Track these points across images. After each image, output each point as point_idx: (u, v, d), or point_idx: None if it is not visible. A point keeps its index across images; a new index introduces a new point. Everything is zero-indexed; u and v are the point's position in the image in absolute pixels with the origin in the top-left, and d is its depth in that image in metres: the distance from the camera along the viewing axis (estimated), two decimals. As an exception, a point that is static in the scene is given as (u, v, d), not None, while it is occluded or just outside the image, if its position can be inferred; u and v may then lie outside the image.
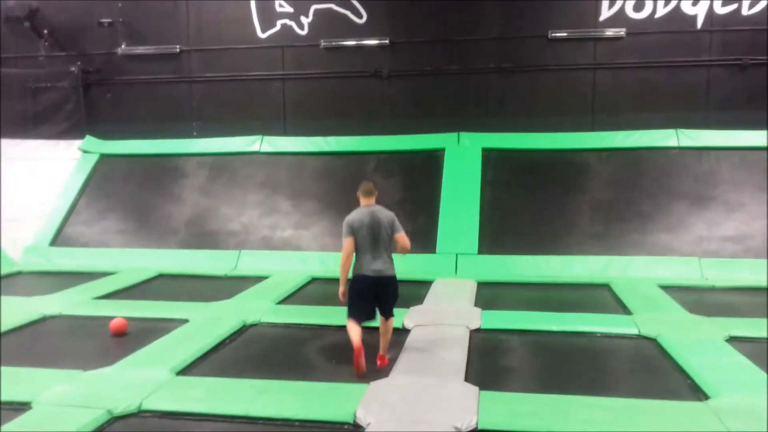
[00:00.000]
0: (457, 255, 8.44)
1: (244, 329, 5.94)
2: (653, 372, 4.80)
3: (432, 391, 4.23)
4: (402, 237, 4.93)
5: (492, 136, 10.00)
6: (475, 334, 5.64)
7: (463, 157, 9.78)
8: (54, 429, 3.64)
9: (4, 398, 4.16)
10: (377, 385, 4.31)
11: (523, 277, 7.86)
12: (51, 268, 8.95)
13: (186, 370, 4.78)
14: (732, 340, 5.28)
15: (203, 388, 4.35)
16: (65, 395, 4.16)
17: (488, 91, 10.52)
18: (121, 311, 6.31)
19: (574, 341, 5.49)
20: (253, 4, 10.77)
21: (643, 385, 4.51)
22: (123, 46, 11.13)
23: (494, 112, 10.43)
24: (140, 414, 3.98)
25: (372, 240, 4.79)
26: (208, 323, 5.95)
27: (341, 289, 4.89)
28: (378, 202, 5.19)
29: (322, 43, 10.63)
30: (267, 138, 10.52)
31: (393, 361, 4.88)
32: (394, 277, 4.93)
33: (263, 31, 10.82)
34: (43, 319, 6.32)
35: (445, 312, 6.26)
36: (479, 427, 3.73)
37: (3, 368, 4.71)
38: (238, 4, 10.80)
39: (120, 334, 5.79)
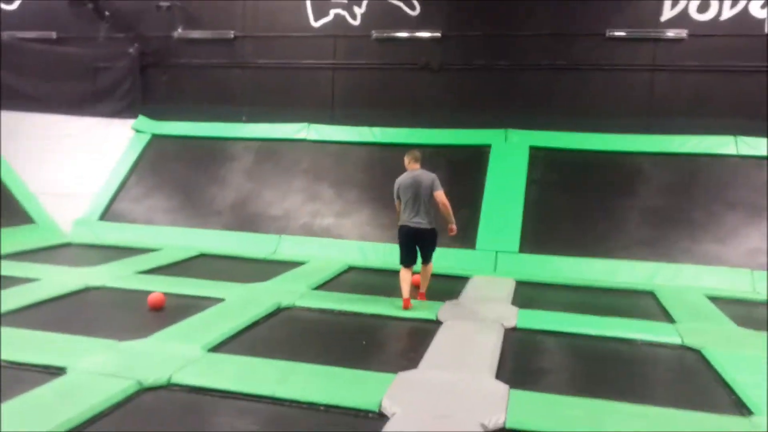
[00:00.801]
0: (497, 252, 8.29)
1: (278, 311, 5.97)
2: (695, 383, 4.58)
3: (460, 385, 4.15)
4: (439, 195, 6.11)
5: (540, 134, 9.77)
6: (510, 332, 5.51)
7: (509, 154, 9.60)
8: (85, 395, 3.72)
9: (43, 361, 4.29)
10: (405, 376, 4.26)
11: (564, 279, 7.66)
12: (98, 242, 9.22)
13: (217, 348, 4.83)
14: (783, 357, 5.00)
15: (232, 366, 4.39)
16: (99, 364, 4.26)
17: (539, 88, 10.27)
18: (161, 287, 6.43)
19: (613, 347, 5.30)
20: (307, -7, 10.81)
21: (682, 396, 4.31)
22: (179, 30, 11.34)
23: (544, 111, 10.16)
24: (169, 387, 4.03)
25: (413, 198, 6.02)
26: (243, 303, 6.01)
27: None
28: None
29: (374, 34, 10.59)
30: (314, 126, 10.56)
31: (422, 352, 4.81)
32: (431, 230, 6.13)
33: (316, 20, 10.85)
34: (87, 290, 6.50)
35: (481, 308, 6.14)
36: (507, 426, 3.63)
37: (44, 333, 4.87)
38: (294, -8, 10.86)
39: (157, 308, 5.90)
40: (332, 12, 10.75)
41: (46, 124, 10.67)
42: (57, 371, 4.16)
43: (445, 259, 8.23)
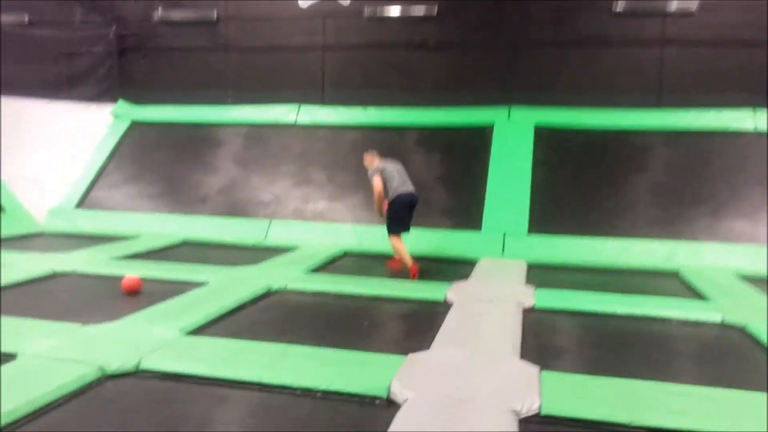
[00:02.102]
0: (504, 234, 7.69)
1: (268, 294, 5.35)
2: (742, 362, 4.00)
3: (482, 367, 3.54)
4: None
5: (546, 111, 9.20)
6: (528, 312, 4.91)
7: (513, 132, 9.02)
8: (34, 382, 3.08)
9: (-12, 347, 3.64)
10: (417, 357, 3.64)
11: (578, 260, 7.07)
12: (74, 231, 8.55)
13: (197, 331, 4.19)
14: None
15: (213, 349, 3.76)
16: (56, 348, 3.62)
17: (543, 64, 9.69)
18: (137, 271, 5.77)
19: (646, 326, 4.71)
20: (295, -30, 10.19)
21: (730, 375, 3.72)
22: (159, 11, 10.69)
23: (549, 88, 9.59)
24: (137, 374, 3.40)
25: (398, 173, 6.42)
26: (228, 286, 5.38)
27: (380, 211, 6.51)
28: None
29: (366, 12, 9.99)
30: (304, 107, 9.94)
31: (433, 333, 4.21)
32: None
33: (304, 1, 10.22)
34: (53, 275, 5.85)
35: (494, 289, 5.54)
36: (542, 413, 3.02)
37: (10, 319, 4.22)
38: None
39: (132, 292, 5.26)
40: (321, -9, 10.14)
41: (19, 108, 9.96)
42: (6, 357, 3.51)
43: (449, 242, 7.68)
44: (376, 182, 6.36)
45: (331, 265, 6.85)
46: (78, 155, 9.86)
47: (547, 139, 8.89)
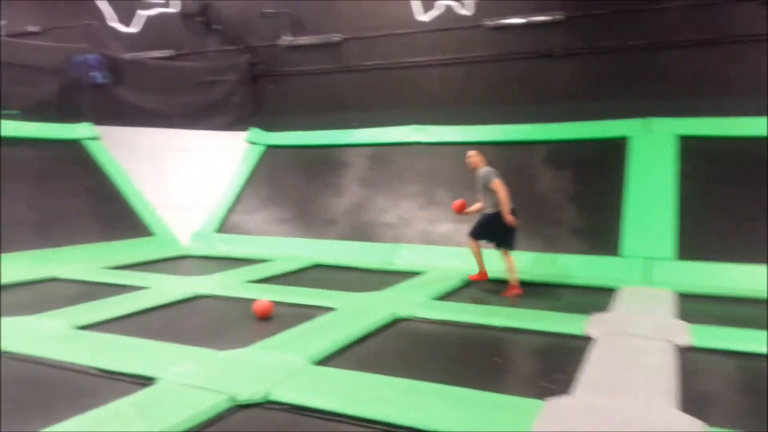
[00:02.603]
0: (648, 259, 7.03)
1: (394, 323, 5.22)
2: None
3: (634, 419, 3.14)
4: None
5: (690, 121, 8.40)
6: (684, 353, 4.36)
7: (653, 145, 8.31)
8: (170, 410, 3.15)
9: (133, 370, 3.81)
10: (557, 403, 3.32)
11: (738, 290, 6.25)
12: (214, 254, 9.03)
13: (324, 361, 4.14)
14: None
15: (341, 382, 3.67)
16: (192, 374, 3.71)
17: (682, 68, 8.88)
18: (270, 295, 5.92)
19: (830, 372, 4.00)
20: (414, -14, 10.21)
21: None
22: (286, 38, 11.14)
23: (691, 94, 8.77)
24: (266, 405, 3.38)
25: None
26: (355, 313, 5.33)
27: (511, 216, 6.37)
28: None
29: (487, 23, 9.74)
30: (426, 127, 9.85)
31: (573, 374, 3.84)
32: None
33: (422, 13, 10.18)
34: (195, 298, 6.14)
35: (641, 323, 5.02)
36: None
37: (142, 341, 4.45)
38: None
39: (264, 317, 5.37)
40: (440, 4, 10.04)
41: (164, 139, 10.79)
42: (146, 381, 3.66)
43: (582, 268, 7.18)
44: (502, 185, 6.38)
45: (459, 291, 6.61)
46: (216, 181, 10.45)
47: (693, 151, 8.10)
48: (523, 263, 7.43)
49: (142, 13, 12.26)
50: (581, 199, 8.22)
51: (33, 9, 13.65)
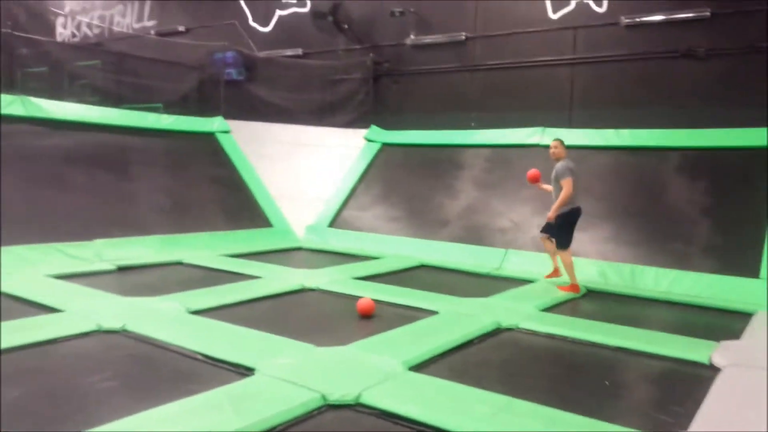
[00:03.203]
0: (792, 283, 6.27)
1: (496, 332, 5.03)
2: None
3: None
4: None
5: None
6: (830, 393, 3.81)
7: (806, 157, 7.38)
8: (263, 404, 3.22)
9: (235, 359, 3.96)
10: (669, 439, 3.00)
11: None
12: (326, 247, 9.24)
13: (420, 367, 4.06)
14: None
15: (433, 390, 3.57)
16: (289, 368, 3.78)
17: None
18: (374, 293, 5.95)
19: None
20: (546, -18, 9.81)
21: None
22: (412, 36, 11.16)
23: None
24: (356, 407, 3.35)
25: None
26: (457, 318, 5.20)
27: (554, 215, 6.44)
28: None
29: (623, 20, 9.13)
30: (549, 130, 9.43)
31: (692, 407, 3.46)
32: None
33: (555, 11, 9.76)
34: (302, 290, 6.31)
35: (776, 354, 4.45)
36: None
37: (248, 330, 4.62)
38: (530, -17, 9.95)
39: (366, 315, 5.39)
40: (573, 0, 9.56)
41: (289, 133, 11.22)
42: (246, 371, 3.78)
43: (716, 289, 6.53)
44: (570, 185, 6.33)
45: (569, 303, 6.26)
46: (334, 176, 10.71)
47: None
48: (646, 280, 6.92)
49: (279, 13, 12.85)
50: (717, 213, 7.48)
51: (182, 9, 14.78)
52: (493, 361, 4.41)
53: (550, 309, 5.87)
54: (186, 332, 4.51)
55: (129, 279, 6.60)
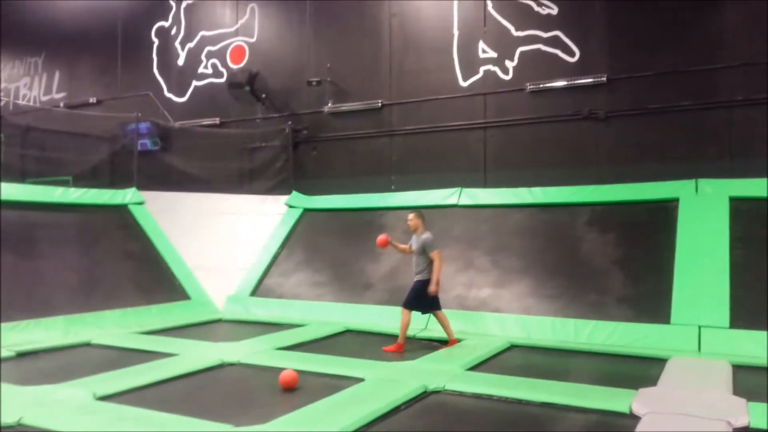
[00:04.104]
0: (700, 328, 6.57)
1: (423, 395, 4.94)
2: None
3: None
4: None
5: (742, 182, 8.01)
6: (741, 434, 3.95)
7: (703, 208, 7.93)
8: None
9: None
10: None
11: (802, 363, 5.75)
12: (248, 318, 8.94)
13: (347, 439, 3.90)
14: None
15: (360, 465, 3.42)
16: (205, 453, 3.52)
17: (732, 129, 8.59)
18: (298, 364, 5.75)
19: None
20: (455, 53, 10.33)
21: None
22: (329, 104, 11.38)
23: (741, 155, 8.44)
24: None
25: None
26: (384, 384, 5.08)
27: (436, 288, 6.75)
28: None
29: (528, 87, 9.72)
30: (466, 190, 9.72)
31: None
32: None
33: (465, 79, 10.27)
34: (221, 366, 6.01)
35: (691, 399, 4.60)
36: None
37: (159, 414, 4.30)
38: (440, 54, 10.46)
39: (290, 388, 5.18)
40: (482, 69, 10.11)
41: (205, 202, 10.98)
42: (158, 461, 3.49)
43: (630, 337, 6.75)
44: (440, 256, 6.77)
45: (494, 360, 6.29)
46: (254, 244, 10.49)
47: (746, 215, 7.68)
48: (566, 332, 7.08)
49: (195, 84, 12.81)
50: (628, 263, 7.83)
51: (93, 81, 14.48)
52: (423, 427, 4.30)
53: (475, 367, 5.86)
54: (91, 422, 4.15)
55: (30, 365, 6.07)
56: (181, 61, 13.13)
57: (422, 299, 6.78)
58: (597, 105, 9.30)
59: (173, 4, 13.29)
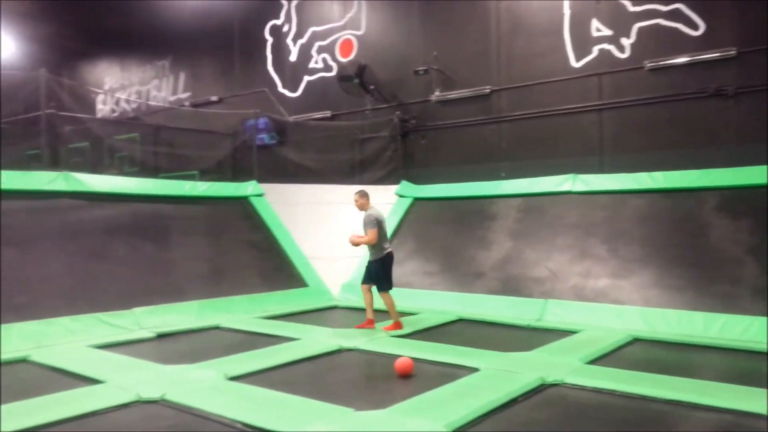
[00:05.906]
0: None
1: (541, 388, 4.87)
2: None
3: None
4: None
5: None
6: None
7: None
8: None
9: (270, 427, 3.89)
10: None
11: None
12: (362, 305, 9.11)
13: (463, 429, 3.93)
14: None
15: (479, 455, 3.44)
16: (329, 436, 3.70)
17: None
18: (413, 351, 5.86)
19: None
20: (566, 33, 9.94)
21: None
22: (437, 93, 11.36)
23: None
24: (399, 475, 3.25)
25: (385, 230, 7.34)
26: (499, 375, 5.06)
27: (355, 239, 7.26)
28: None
29: (647, 65, 9.16)
30: (580, 176, 9.36)
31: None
32: None
33: (577, 60, 9.86)
34: (340, 351, 6.24)
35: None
36: None
37: (283, 395, 4.56)
38: (550, 35, 10.11)
39: (405, 375, 5.29)
40: (595, 48, 9.65)
41: (321, 193, 11.38)
42: (286, 441, 3.71)
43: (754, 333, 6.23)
44: (373, 234, 7.03)
45: (615, 354, 6.04)
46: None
47: None
48: (693, 326, 6.66)
49: (307, 79, 13.29)
50: (764, 252, 7.22)
51: (214, 81, 15.42)
52: (540, 422, 4.24)
53: (595, 361, 5.67)
54: (224, 400, 4.48)
55: (168, 346, 6.64)
56: (293, 57, 13.65)
57: (375, 276, 7.17)
58: (725, 81, 8.59)
59: (284, 2, 13.81)
